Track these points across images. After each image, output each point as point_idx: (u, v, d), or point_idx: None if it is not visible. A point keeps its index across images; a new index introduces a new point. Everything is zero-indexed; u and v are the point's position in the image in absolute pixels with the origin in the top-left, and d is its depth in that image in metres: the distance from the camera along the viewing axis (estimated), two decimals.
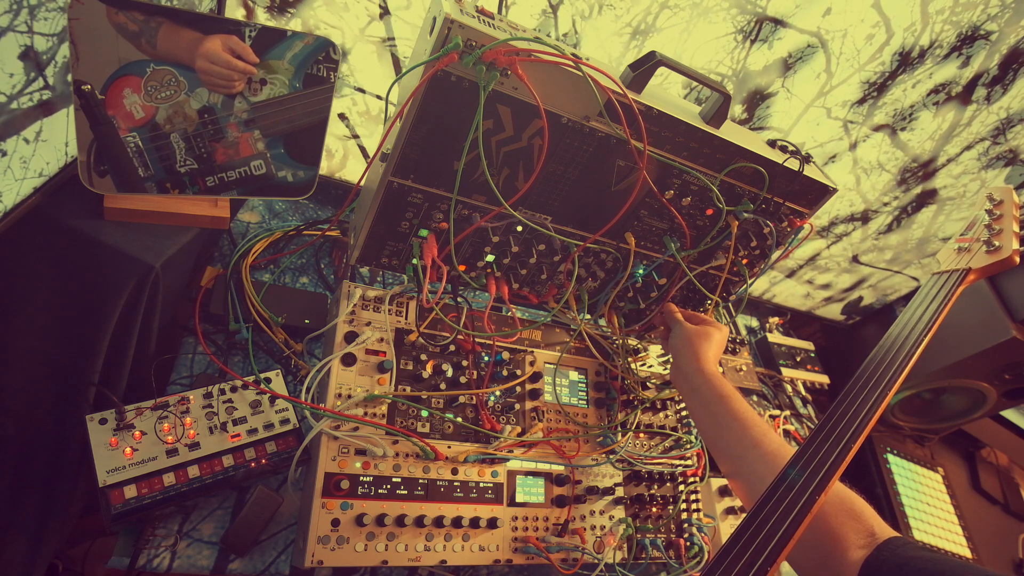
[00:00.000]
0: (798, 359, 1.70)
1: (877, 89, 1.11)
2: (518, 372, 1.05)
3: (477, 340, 1.03)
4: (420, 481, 0.89)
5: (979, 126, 1.22)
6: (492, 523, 0.92)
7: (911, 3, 0.98)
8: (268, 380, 0.90)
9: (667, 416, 1.19)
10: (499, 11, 0.96)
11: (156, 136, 0.84)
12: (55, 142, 0.78)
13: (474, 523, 0.91)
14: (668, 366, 1.23)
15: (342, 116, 1.12)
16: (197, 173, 0.90)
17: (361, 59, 1.02)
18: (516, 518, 0.95)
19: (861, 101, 1.14)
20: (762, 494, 0.67)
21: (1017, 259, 0.92)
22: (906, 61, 1.05)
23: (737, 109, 1.17)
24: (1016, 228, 0.96)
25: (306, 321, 1.02)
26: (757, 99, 1.13)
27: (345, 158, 1.19)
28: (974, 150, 1.26)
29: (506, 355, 1.05)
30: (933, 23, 0.99)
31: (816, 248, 1.62)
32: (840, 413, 0.72)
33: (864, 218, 1.49)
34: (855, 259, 1.70)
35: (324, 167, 1.20)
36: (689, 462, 1.16)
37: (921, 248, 1.60)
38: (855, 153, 1.26)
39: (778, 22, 0.98)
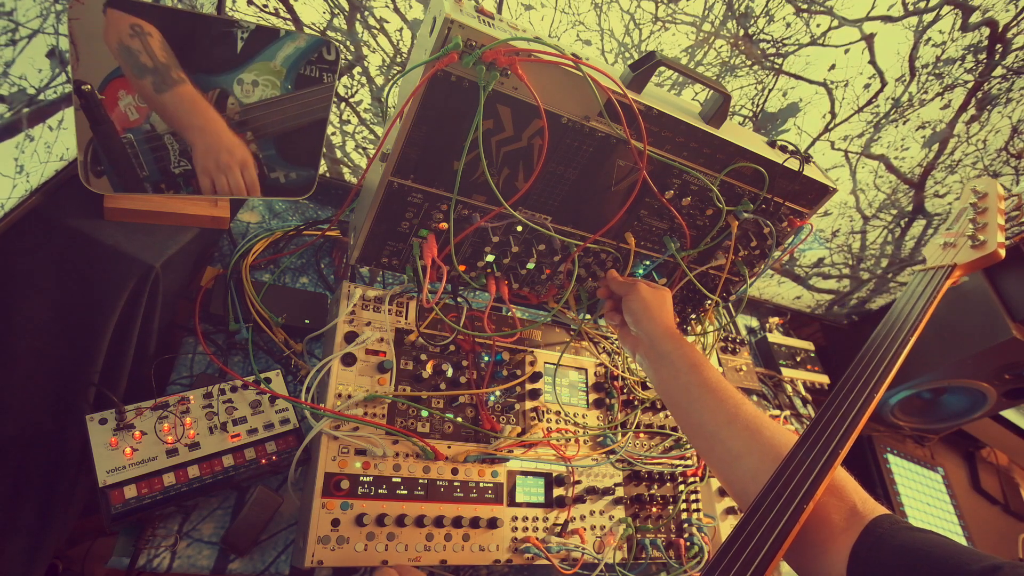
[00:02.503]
0: (798, 359, 1.70)
1: (874, 126, 1.30)
2: (518, 372, 1.05)
3: (477, 340, 1.03)
4: (420, 481, 0.89)
5: (960, 155, 1.41)
6: (492, 523, 0.92)
7: (901, 59, 1.17)
8: (268, 380, 0.90)
9: (667, 416, 1.19)
10: (499, 11, 0.96)
11: (150, 137, 0.84)
12: (74, 130, 0.81)
13: (474, 523, 0.91)
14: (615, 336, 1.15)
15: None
16: (191, 174, 0.89)
17: None
18: (516, 518, 0.95)
19: (860, 135, 1.33)
20: (776, 468, 0.64)
21: (1003, 252, 0.90)
22: (897, 104, 1.26)
23: None
24: (1001, 221, 0.93)
25: (306, 321, 1.02)
26: (772, 136, 1.29)
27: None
28: (956, 174, 1.46)
29: (506, 355, 1.05)
30: (920, 74, 1.20)
31: (820, 254, 1.70)
32: (833, 410, 0.71)
33: (863, 231, 1.62)
34: (859, 263, 1.71)
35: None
36: (689, 462, 1.16)
37: (913, 257, 1.72)
38: (855, 177, 1.44)
39: (792, 75, 1.18)
